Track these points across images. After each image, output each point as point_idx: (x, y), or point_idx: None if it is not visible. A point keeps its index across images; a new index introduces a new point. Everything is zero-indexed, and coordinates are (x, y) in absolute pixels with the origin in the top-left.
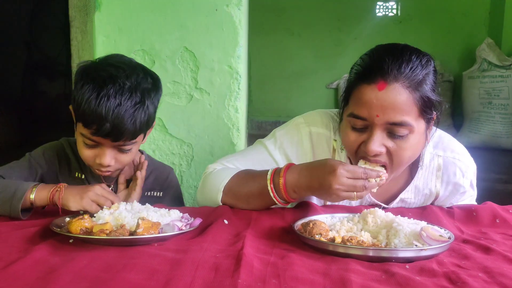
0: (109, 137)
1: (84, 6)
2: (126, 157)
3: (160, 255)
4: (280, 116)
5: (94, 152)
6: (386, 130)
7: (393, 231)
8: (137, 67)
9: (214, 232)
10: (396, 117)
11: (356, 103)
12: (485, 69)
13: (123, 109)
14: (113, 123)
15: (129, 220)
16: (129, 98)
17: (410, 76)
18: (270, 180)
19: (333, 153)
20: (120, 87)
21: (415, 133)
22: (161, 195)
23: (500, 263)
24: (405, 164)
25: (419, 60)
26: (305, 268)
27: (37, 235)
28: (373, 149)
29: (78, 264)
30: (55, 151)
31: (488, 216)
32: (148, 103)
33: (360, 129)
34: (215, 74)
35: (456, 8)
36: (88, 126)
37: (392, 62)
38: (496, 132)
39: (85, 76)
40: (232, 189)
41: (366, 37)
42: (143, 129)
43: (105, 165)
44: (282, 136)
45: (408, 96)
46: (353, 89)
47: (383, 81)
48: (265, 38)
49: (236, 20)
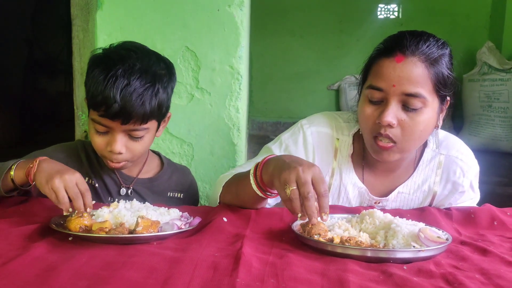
0: (118, 119)
1: (86, 4)
2: (138, 145)
3: (159, 253)
4: (281, 117)
5: (106, 139)
6: (401, 103)
7: (391, 232)
8: (150, 52)
9: (213, 231)
10: (411, 88)
11: (375, 75)
12: (485, 72)
13: (131, 88)
14: (122, 103)
15: (128, 219)
16: (138, 78)
17: (427, 52)
18: (254, 168)
19: (336, 153)
20: (129, 67)
21: (428, 107)
22: (182, 197)
23: (497, 265)
24: (415, 142)
25: (436, 41)
26: (304, 268)
27: (36, 233)
28: (386, 118)
29: (77, 262)
30: (66, 153)
31: (486, 218)
32: (159, 87)
33: (377, 102)
34: (216, 74)
35: (457, 11)
36: (97, 108)
37: (411, 39)
38: (495, 135)
39: (97, 61)
40: (228, 183)
41: (368, 39)
42: (154, 114)
43: (116, 151)
44: (287, 139)
45: (423, 70)
46: (373, 64)
47: (401, 54)
48: (267, 39)
49: (238, 21)
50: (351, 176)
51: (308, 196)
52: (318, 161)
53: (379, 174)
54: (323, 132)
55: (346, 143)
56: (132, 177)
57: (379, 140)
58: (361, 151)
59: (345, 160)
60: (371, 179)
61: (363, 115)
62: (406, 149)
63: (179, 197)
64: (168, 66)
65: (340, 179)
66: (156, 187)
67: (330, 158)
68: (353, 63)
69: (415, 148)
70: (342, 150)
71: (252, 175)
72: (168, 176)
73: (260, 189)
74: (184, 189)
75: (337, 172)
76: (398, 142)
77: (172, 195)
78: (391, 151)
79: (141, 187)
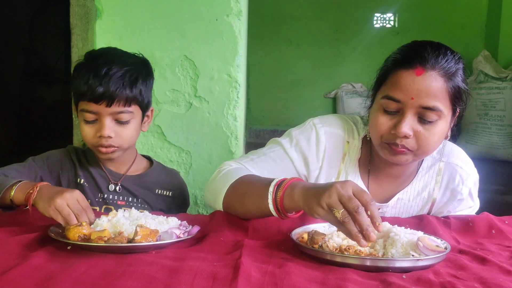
0: (103, 100)
1: (86, 14)
2: (126, 130)
3: (158, 263)
4: (279, 125)
5: (95, 128)
6: (417, 115)
7: (390, 241)
8: (130, 52)
9: (212, 240)
10: (429, 102)
11: (392, 86)
12: (481, 81)
13: (112, 72)
14: (104, 86)
15: (127, 228)
16: (118, 64)
17: (445, 67)
18: (274, 191)
19: (344, 156)
20: (109, 58)
21: (443, 120)
22: (171, 195)
23: (496, 274)
24: (429, 152)
25: (453, 56)
26: (303, 277)
27: (35, 242)
28: (403, 130)
29: (76, 271)
30: (60, 157)
31: (485, 227)
32: (138, 75)
33: (392, 112)
34: (214, 82)
35: (453, 20)
36: (83, 96)
37: (431, 52)
38: (492, 143)
39: (79, 63)
40: (236, 188)
41: (364, 48)
42: (137, 98)
43: (105, 135)
44: (298, 135)
45: (442, 84)
46: (390, 74)
47: (421, 67)
48: (265, 47)
49: (236, 30)
50: (356, 181)
51: (359, 211)
52: (326, 162)
53: (382, 180)
54: (335, 133)
55: (355, 147)
56: (120, 174)
57: (393, 146)
58: (367, 156)
59: (352, 164)
60: (374, 185)
61: (377, 123)
62: (419, 156)
63: (168, 195)
64: (144, 61)
65: None
66: (144, 183)
67: (338, 160)
68: (349, 72)
69: (427, 155)
70: (350, 153)
71: (272, 200)
72: (157, 174)
73: (277, 211)
74: (174, 187)
75: (343, 175)
76: (414, 151)
77: (160, 192)
78: (406, 153)
79: (130, 183)
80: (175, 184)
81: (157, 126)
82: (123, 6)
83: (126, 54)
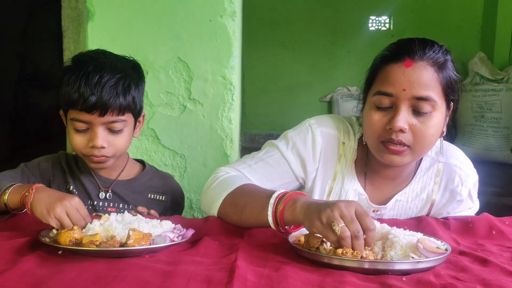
0: (96, 110)
1: (77, 16)
2: (119, 139)
3: (151, 267)
4: (274, 129)
5: (86, 137)
6: (411, 107)
7: (389, 243)
8: (118, 54)
9: (207, 243)
10: (422, 92)
11: (383, 81)
12: (477, 83)
13: (104, 80)
14: (97, 95)
15: (119, 231)
16: (109, 72)
17: (434, 57)
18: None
19: (340, 157)
20: (99, 64)
21: (437, 111)
22: (165, 199)
23: (498, 275)
24: (426, 146)
25: (440, 47)
26: (300, 280)
27: (25, 246)
28: (399, 124)
29: (67, 276)
30: (51, 163)
31: (485, 228)
32: (130, 81)
33: (385, 108)
34: (208, 84)
35: (449, 22)
36: (75, 105)
37: (418, 44)
38: (489, 146)
39: (68, 68)
40: (234, 196)
41: (359, 51)
42: (130, 105)
43: (98, 145)
44: (294, 136)
45: (433, 74)
46: (379, 70)
47: (410, 59)
48: (259, 51)
49: (230, 31)
50: (353, 183)
51: (359, 235)
52: (322, 163)
53: (379, 182)
54: (331, 134)
55: (351, 148)
56: (111, 179)
57: (390, 145)
58: (364, 157)
59: (348, 165)
60: (371, 187)
61: (371, 121)
62: (417, 153)
63: (161, 199)
64: (135, 65)
65: (342, 185)
66: (135, 187)
67: (334, 161)
68: (345, 75)
69: (425, 153)
70: (346, 154)
71: (272, 213)
72: (148, 177)
73: (275, 224)
74: (167, 191)
75: (339, 176)
76: (411, 146)
77: (153, 196)
78: (404, 155)
79: (121, 188)
80: (168, 188)
81: (151, 130)
82: (115, 8)
83: (116, 59)
